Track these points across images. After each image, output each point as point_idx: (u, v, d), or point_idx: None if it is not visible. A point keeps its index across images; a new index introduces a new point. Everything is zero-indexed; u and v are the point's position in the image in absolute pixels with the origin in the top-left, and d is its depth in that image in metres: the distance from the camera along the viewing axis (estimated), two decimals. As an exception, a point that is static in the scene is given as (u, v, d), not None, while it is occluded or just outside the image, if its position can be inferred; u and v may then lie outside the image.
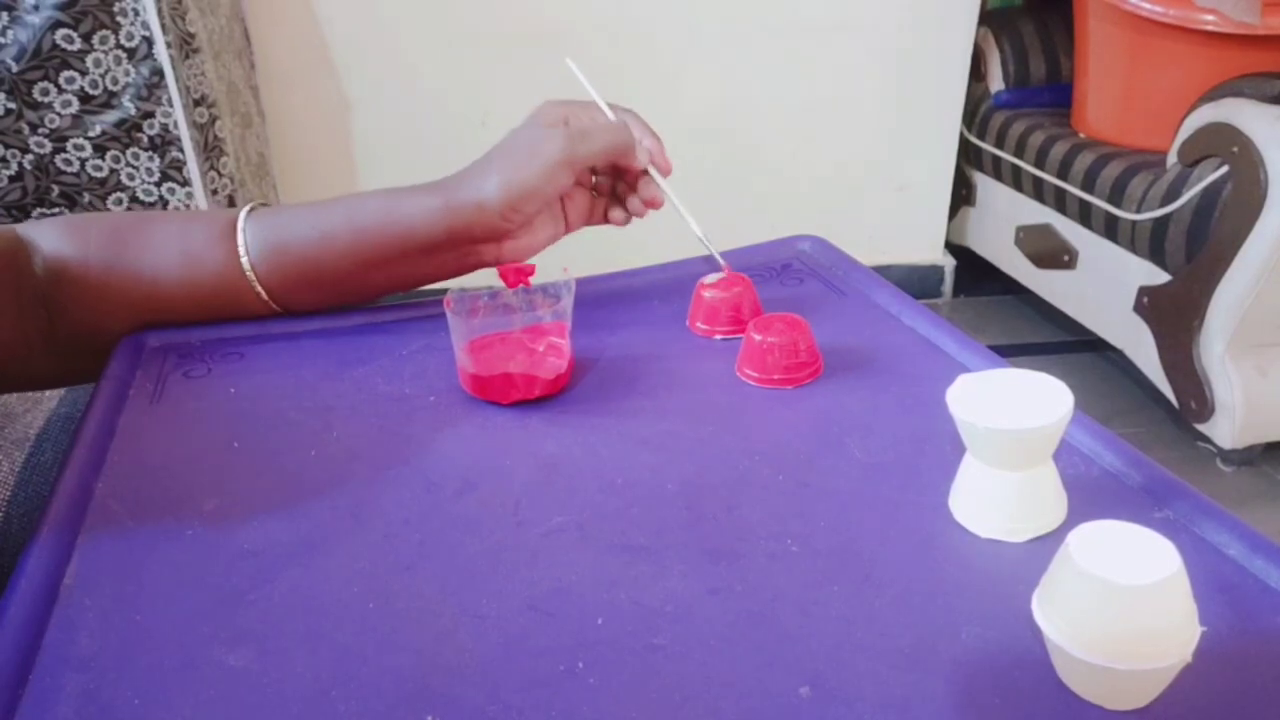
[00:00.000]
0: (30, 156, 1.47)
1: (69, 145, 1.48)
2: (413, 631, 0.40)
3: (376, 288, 0.65)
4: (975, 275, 2.27)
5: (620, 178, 0.67)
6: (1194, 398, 1.63)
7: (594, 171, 0.67)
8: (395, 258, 0.62)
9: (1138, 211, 1.68)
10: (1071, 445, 0.50)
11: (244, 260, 0.61)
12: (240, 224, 0.61)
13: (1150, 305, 1.70)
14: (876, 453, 0.51)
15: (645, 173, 0.65)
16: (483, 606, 0.41)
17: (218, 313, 0.63)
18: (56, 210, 1.52)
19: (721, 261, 0.66)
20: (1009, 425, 0.41)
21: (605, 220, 0.68)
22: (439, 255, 0.62)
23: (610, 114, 0.65)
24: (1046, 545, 0.43)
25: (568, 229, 0.66)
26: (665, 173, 0.65)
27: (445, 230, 0.60)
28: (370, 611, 0.41)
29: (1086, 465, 0.49)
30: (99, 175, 1.51)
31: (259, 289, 0.62)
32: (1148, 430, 1.78)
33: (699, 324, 0.64)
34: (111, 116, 1.47)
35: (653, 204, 0.66)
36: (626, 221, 0.67)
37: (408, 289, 0.65)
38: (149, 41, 1.44)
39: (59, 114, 1.46)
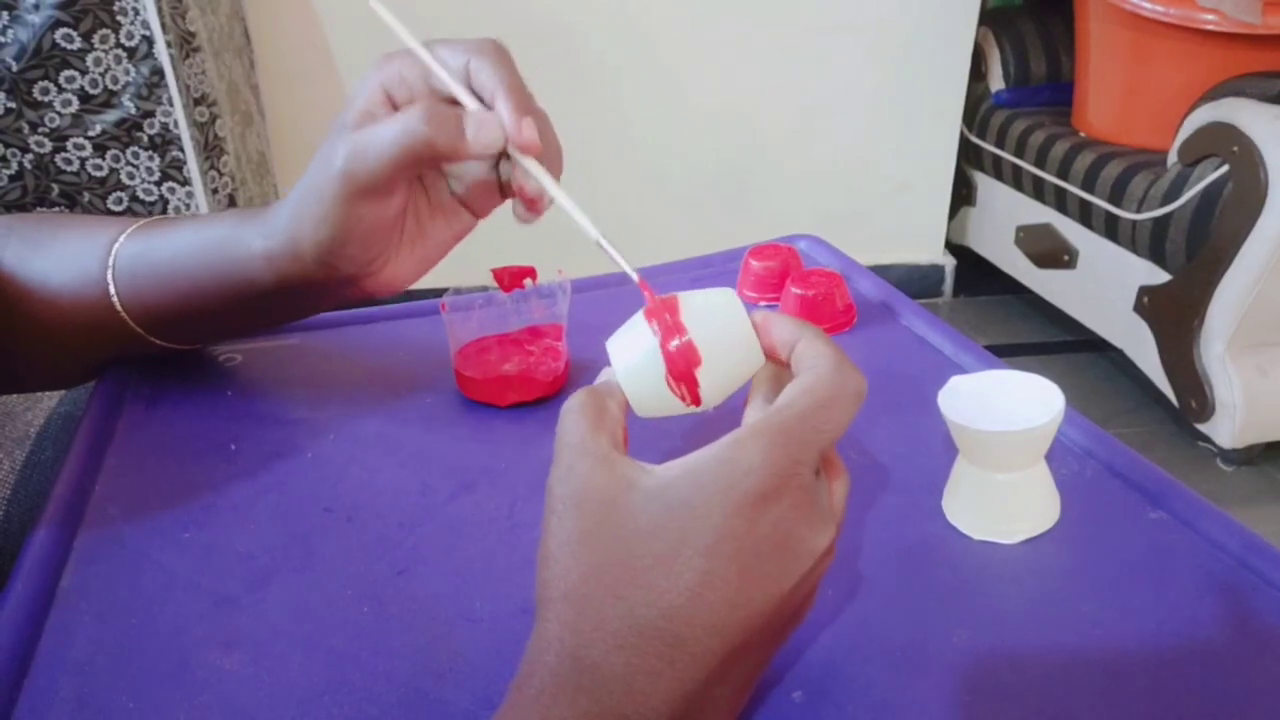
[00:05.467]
0: (30, 156, 1.48)
1: (69, 144, 1.48)
2: (406, 635, 0.40)
3: (243, 328, 0.58)
4: (975, 275, 2.27)
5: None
6: (1194, 397, 1.63)
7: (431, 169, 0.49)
8: (231, 309, 0.52)
9: (1138, 211, 1.68)
10: (1066, 445, 0.50)
11: (110, 286, 0.51)
12: (119, 243, 0.52)
13: (1150, 305, 1.70)
14: (870, 455, 0.51)
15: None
16: (476, 610, 0.41)
17: (97, 339, 0.54)
18: (57, 209, 1.52)
19: (632, 274, 0.42)
20: (998, 427, 0.41)
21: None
22: (279, 306, 0.52)
23: (439, 71, 0.48)
24: (1040, 546, 0.43)
25: (442, 249, 0.51)
26: (526, 150, 0.44)
27: (275, 282, 0.49)
28: (364, 615, 0.41)
29: (1081, 465, 0.49)
30: (99, 174, 1.51)
31: (118, 308, 0.52)
32: (1148, 430, 1.78)
33: (746, 291, 0.67)
34: (111, 116, 1.47)
35: (528, 201, 0.46)
36: (527, 220, 0.48)
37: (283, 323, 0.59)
38: (149, 40, 1.44)
39: (59, 113, 1.46)
